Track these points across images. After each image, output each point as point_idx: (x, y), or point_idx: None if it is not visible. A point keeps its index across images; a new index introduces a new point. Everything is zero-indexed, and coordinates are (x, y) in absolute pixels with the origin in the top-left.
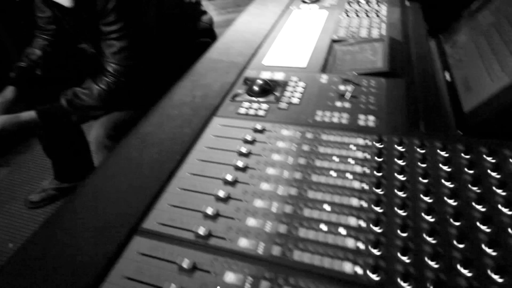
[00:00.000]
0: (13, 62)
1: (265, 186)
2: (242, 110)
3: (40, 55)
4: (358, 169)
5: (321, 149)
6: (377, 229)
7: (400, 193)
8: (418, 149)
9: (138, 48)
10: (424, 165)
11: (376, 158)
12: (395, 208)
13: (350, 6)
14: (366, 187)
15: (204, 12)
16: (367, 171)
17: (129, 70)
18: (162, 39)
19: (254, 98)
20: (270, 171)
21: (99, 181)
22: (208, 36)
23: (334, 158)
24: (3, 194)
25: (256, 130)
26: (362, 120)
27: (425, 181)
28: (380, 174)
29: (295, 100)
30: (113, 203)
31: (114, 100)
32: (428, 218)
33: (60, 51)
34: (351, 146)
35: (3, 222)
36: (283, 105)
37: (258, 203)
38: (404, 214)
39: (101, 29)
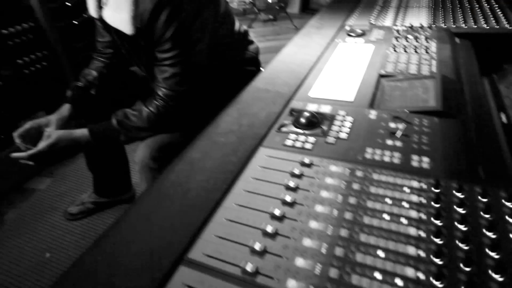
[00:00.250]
0: (70, 82)
1: (314, 224)
2: (288, 142)
3: (96, 76)
4: (414, 214)
5: (373, 189)
6: (438, 284)
7: (463, 246)
8: (480, 198)
9: (189, 75)
10: (489, 216)
11: (433, 203)
12: (459, 263)
13: (398, 41)
14: (423, 234)
15: (251, 42)
16: (424, 217)
17: (179, 95)
18: (211, 66)
19: (300, 130)
20: (319, 208)
21: (147, 205)
22: (253, 65)
23: (387, 200)
24: (44, 204)
25: (303, 164)
26: (415, 161)
27: (491, 234)
28: (438, 221)
29: (343, 135)
30: (160, 229)
31: (162, 123)
32: (497, 277)
33: (114, 73)
34: (405, 189)
35: (43, 231)
36: (330, 139)
37: (307, 242)
38: (469, 270)
39: (155, 55)
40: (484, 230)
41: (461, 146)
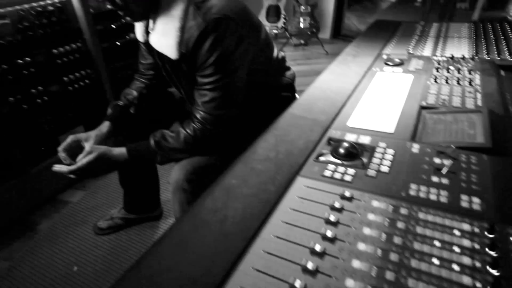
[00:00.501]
0: (109, 99)
1: (356, 263)
2: (327, 173)
3: (136, 95)
4: (467, 260)
5: (419, 230)
6: None
7: None
8: None
9: (228, 100)
10: None
11: (488, 250)
12: None
13: (438, 72)
14: (479, 285)
15: (288, 68)
16: (479, 265)
17: (217, 119)
18: (249, 92)
19: (339, 161)
20: (362, 246)
21: (184, 231)
22: (289, 91)
23: (436, 242)
24: (76, 216)
25: (343, 197)
26: (465, 201)
27: None
28: (496, 272)
29: (384, 169)
30: (198, 256)
31: (198, 146)
32: None
33: (153, 94)
34: (455, 231)
35: (72, 243)
36: (371, 172)
37: (350, 283)
38: None
39: (196, 79)
40: None
41: None
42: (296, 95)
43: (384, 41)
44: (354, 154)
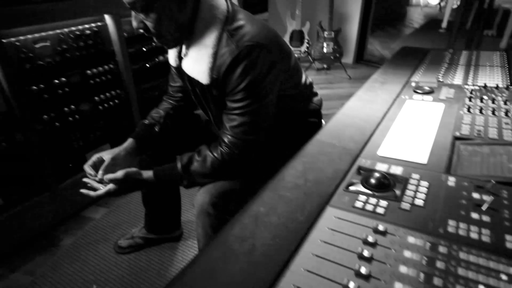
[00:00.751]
0: (135, 118)
1: None
2: (358, 204)
3: (162, 115)
4: None
5: (461, 271)
6: None
7: None
8: None
9: (256, 125)
10: None
11: None
12: None
13: (471, 101)
14: None
15: (316, 94)
16: None
17: (245, 144)
18: (277, 117)
19: (370, 192)
20: (399, 286)
21: (212, 259)
22: (316, 116)
23: (481, 287)
24: (97, 234)
25: (377, 231)
26: (510, 242)
27: None
28: None
29: (419, 202)
30: (225, 287)
31: (225, 170)
32: None
33: (179, 115)
34: (502, 276)
35: (92, 262)
36: (405, 205)
37: None
38: None
39: (226, 103)
40: None
41: None
42: (323, 121)
43: (412, 69)
44: (386, 185)
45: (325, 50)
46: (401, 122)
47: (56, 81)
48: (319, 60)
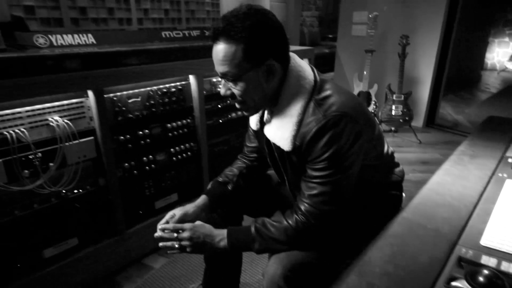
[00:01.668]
0: (204, 171)
1: None
2: None
3: (236, 173)
4: None
5: None
6: None
7: None
8: None
9: (337, 196)
10: None
11: None
12: None
13: None
14: None
15: (397, 164)
16: None
17: (322, 214)
18: (357, 188)
19: None
20: None
21: None
22: (397, 189)
23: None
24: (155, 284)
25: None
26: None
27: None
28: None
29: None
30: None
31: (300, 240)
32: None
33: (252, 175)
34: None
35: None
36: None
37: None
38: None
39: (306, 170)
40: None
41: None
42: (403, 194)
43: (505, 142)
44: (500, 286)
45: (393, 112)
46: (505, 206)
47: (140, 132)
48: (387, 122)
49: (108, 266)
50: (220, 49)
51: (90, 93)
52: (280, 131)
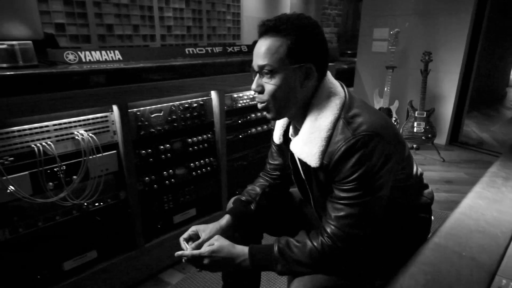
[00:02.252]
0: (222, 186)
1: None
2: None
3: (259, 193)
4: None
5: None
6: None
7: None
8: None
9: (365, 219)
10: None
11: None
12: None
13: None
14: None
15: (426, 186)
16: None
17: (349, 237)
18: (385, 211)
19: None
20: None
21: None
22: (426, 212)
23: None
24: None
25: None
26: None
27: None
28: None
29: None
30: None
31: (324, 263)
32: None
33: (274, 193)
34: None
35: None
36: None
37: None
38: None
39: (333, 190)
40: None
41: None
42: (432, 217)
43: None
44: None
45: (415, 129)
46: None
47: (162, 147)
48: (408, 139)
49: (126, 280)
50: (265, 42)
51: (115, 107)
52: (308, 147)
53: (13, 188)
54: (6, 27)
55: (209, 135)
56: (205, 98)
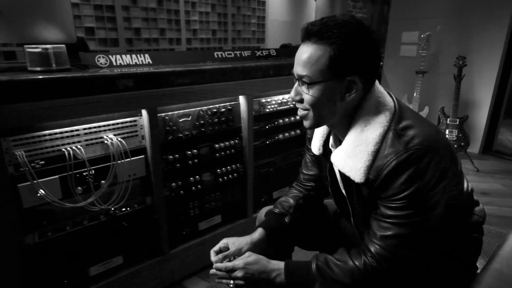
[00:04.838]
0: (248, 193)
1: None
2: None
3: (292, 205)
4: None
5: None
6: None
7: None
8: None
9: (415, 241)
10: None
11: None
12: None
13: None
14: None
15: (477, 203)
16: None
17: (396, 259)
18: (438, 230)
19: None
20: None
21: None
22: (478, 231)
23: None
24: None
25: None
26: None
27: None
28: None
29: None
30: None
31: (367, 285)
32: None
33: (308, 205)
34: None
35: None
36: None
37: None
38: None
39: (379, 207)
40: None
41: None
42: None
43: None
44: None
45: (447, 137)
46: None
47: (189, 152)
48: None
49: (150, 286)
50: (306, 49)
51: (144, 112)
52: (352, 160)
53: (43, 192)
54: (40, 30)
55: (236, 141)
56: (233, 103)
